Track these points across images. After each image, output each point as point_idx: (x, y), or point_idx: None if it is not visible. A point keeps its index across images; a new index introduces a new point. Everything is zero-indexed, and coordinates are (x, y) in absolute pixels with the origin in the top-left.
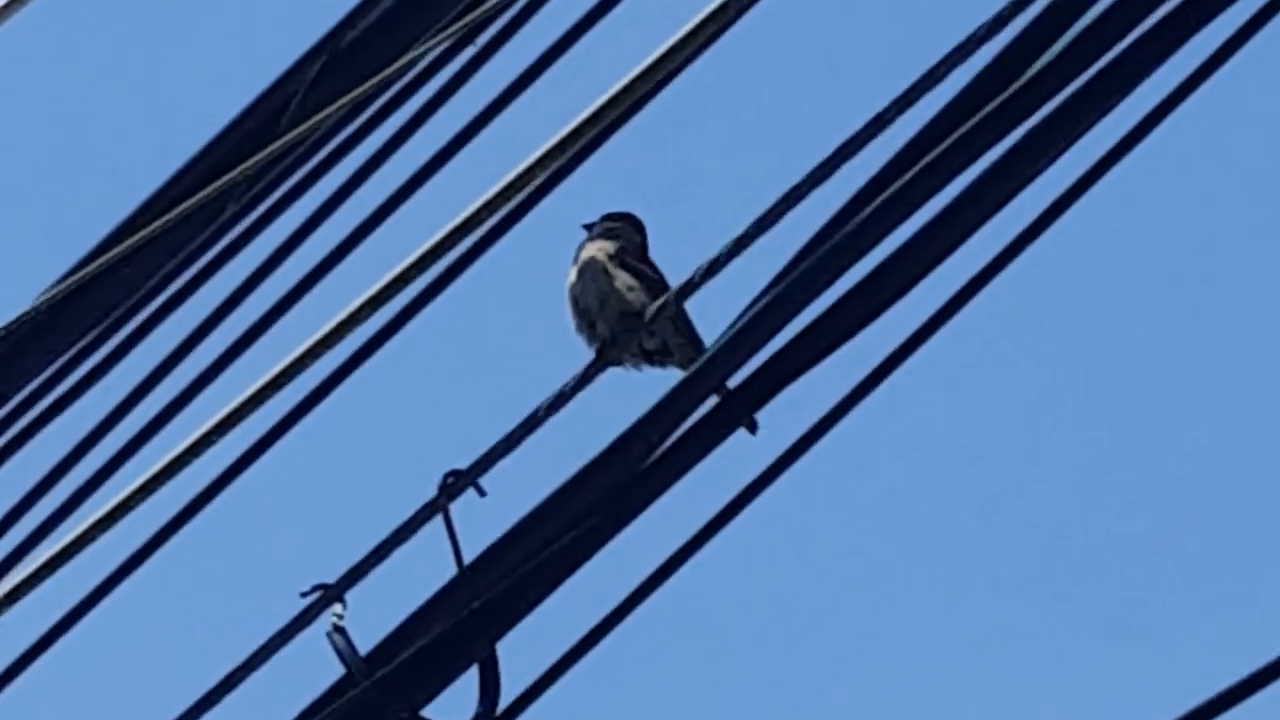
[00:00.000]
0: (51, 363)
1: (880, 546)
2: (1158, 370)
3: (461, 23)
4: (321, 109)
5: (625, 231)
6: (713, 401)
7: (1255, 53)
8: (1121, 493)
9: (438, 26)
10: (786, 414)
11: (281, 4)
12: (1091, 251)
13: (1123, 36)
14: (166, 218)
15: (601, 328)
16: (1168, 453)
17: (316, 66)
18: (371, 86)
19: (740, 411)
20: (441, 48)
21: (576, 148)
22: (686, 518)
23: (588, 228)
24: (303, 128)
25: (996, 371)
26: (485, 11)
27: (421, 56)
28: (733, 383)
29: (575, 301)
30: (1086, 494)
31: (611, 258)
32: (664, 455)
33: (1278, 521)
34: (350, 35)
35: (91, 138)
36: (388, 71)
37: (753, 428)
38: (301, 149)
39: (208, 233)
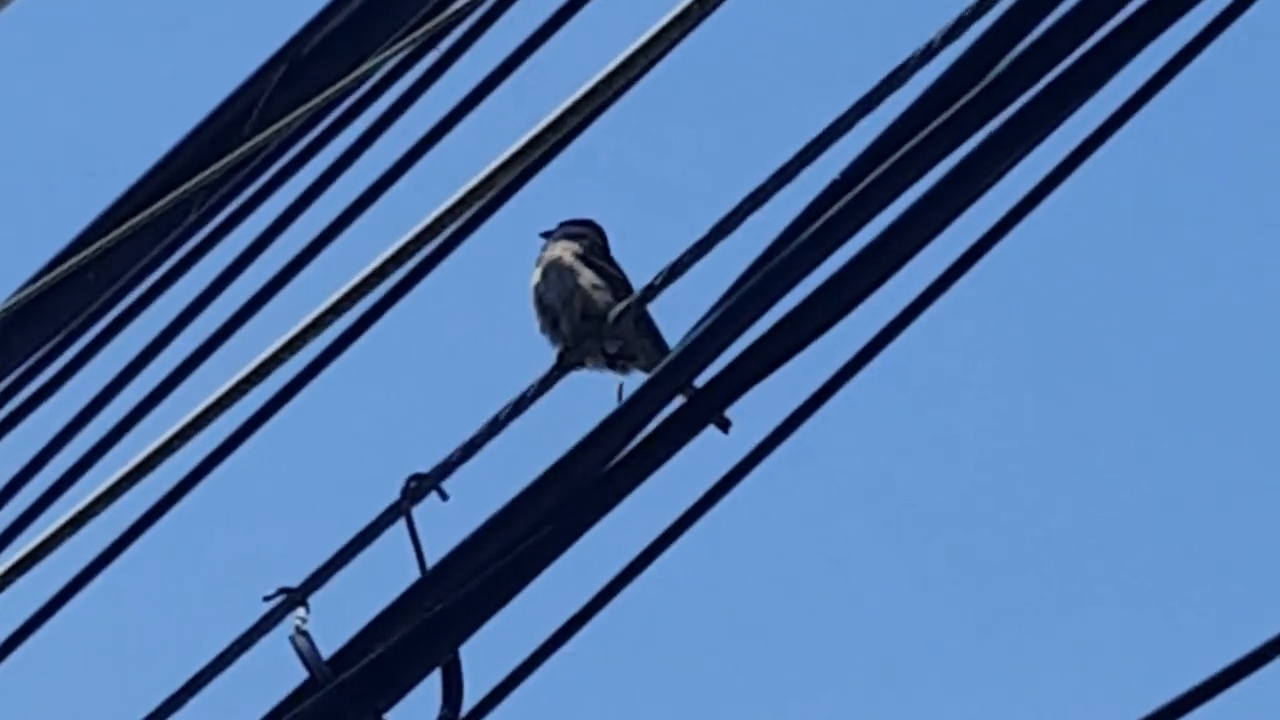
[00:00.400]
0: (13, 370)
1: (848, 547)
2: (1125, 372)
3: (424, 28)
4: (284, 115)
5: (589, 234)
6: (677, 403)
7: (1222, 54)
8: (1091, 492)
9: (400, 31)
10: (751, 415)
11: (243, 10)
12: (1059, 249)
13: (1082, 42)
14: (130, 224)
15: (565, 326)
16: (1138, 454)
17: (279, 73)
18: (334, 92)
19: (704, 413)
20: (404, 53)
21: (539, 153)
22: (651, 520)
23: (546, 235)
24: (265, 134)
25: (964, 371)
26: (448, 17)
27: (384, 62)
28: (697, 384)
29: (539, 300)
30: (1054, 494)
31: (578, 257)
32: (628, 458)
33: (1243, 522)
34: (312, 41)
35: (53, 145)
36: (350, 77)
37: (725, 426)
38: (263, 155)
39: (170, 239)
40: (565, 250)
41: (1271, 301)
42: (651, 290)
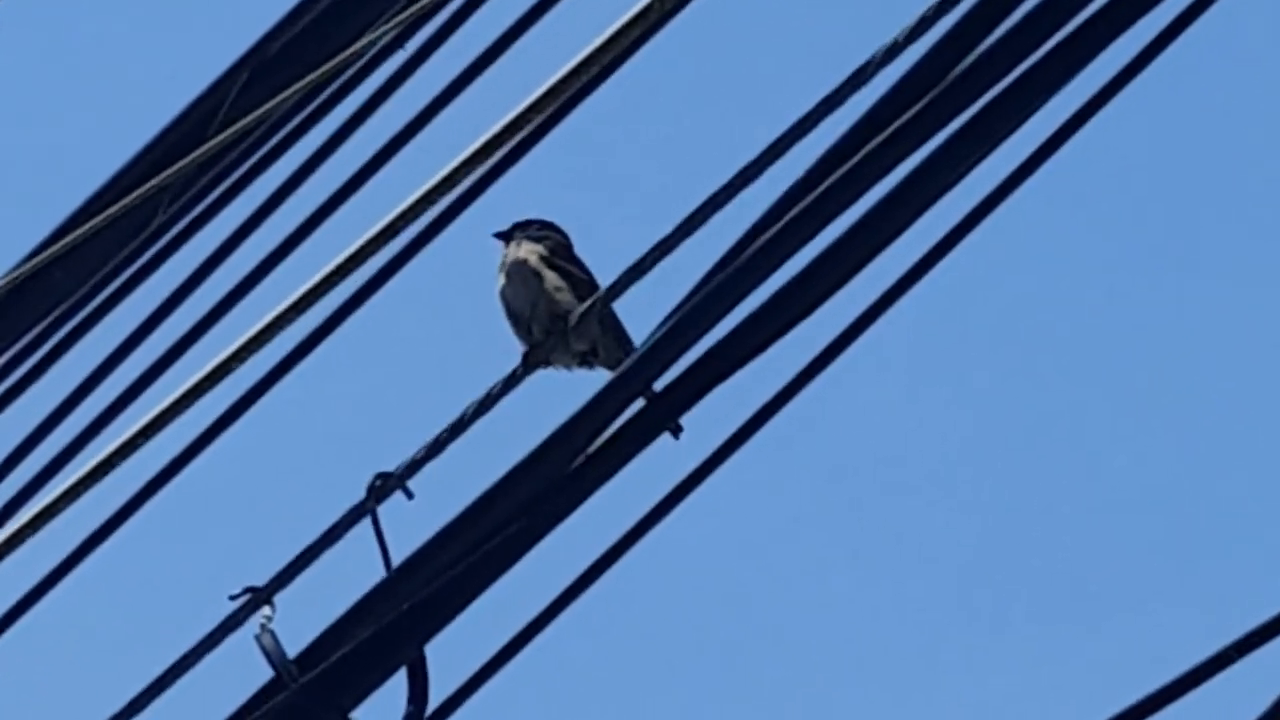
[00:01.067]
0: None
1: (818, 544)
2: (1100, 367)
3: (392, 23)
4: (250, 114)
5: (551, 236)
6: (642, 403)
7: (1194, 42)
8: (1072, 488)
9: (369, 30)
10: (716, 413)
11: (210, 8)
12: (1031, 246)
13: (1048, 38)
14: (97, 221)
15: (537, 331)
16: (1113, 449)
17: (246, 71)
18: (301, 89)
19: (671, 411)
20: (372, 52)
21: (504, 151)
22: (615, 519)
23: (500, 236)
24: (231, 132)
25: (934, 366)
26: (416, 12)
27: (352, 60)
28: (662, 384)
29: (508, 306)
30: (1032, 489)
31: (542, 259)
32: (592, 456)
33: (1223, 516)
34: (280, 40)
35: (20, 144)
36: (316, 75)
37: (676, 432)
38: (232, 155)
39: (139, 240)
40: (530, 253)
41: (1259, 302)
42: (615, 289)
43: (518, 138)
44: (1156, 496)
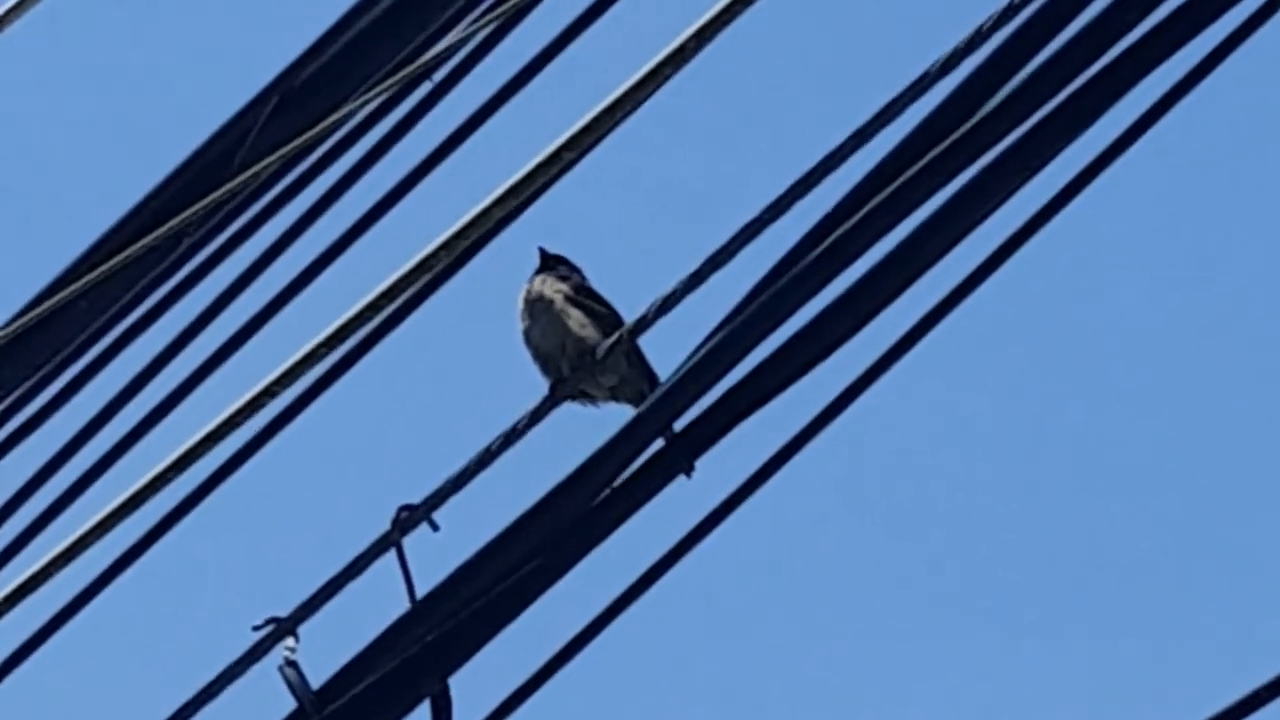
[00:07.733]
0: (2, 399)
1: (843, 566)
2: (1107, 383)
3: (418, 61)
4: (276, 148)
5: (571, 274)
6: (668, 437)
7: (1226, 75)
8: (1085, 503)
9: (393, 64)
10: (742, 449)
11: (236, 41)
12: (1053, 278)
13: (1091, 63)
14: (121, 255)
15: (566, 369)
16: (1134, 463)
17: (270, 105)
18: (327, 125)
19: (696, 447)
20: (397, 87)
21: (534, 187)
22: (642, 551)
23: (543, 255)
24: (256, 167)
25: (957, 387)
26: (442, 53)
27: (377, 95)
28: (685, 420)
29: (536, 347)
30: (1048, 509)
31: (566, 298)
32: (617, 491)
33: (1244, 532)
34: (304, 74)
35: (43, 174)
36: (342, 111)
37: (689, 471)
38: (255, 187)
39: (160, 269)
40: (553, 293)
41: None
42: (643, 323)
43: (549, 173)
44: (1186, 507)
